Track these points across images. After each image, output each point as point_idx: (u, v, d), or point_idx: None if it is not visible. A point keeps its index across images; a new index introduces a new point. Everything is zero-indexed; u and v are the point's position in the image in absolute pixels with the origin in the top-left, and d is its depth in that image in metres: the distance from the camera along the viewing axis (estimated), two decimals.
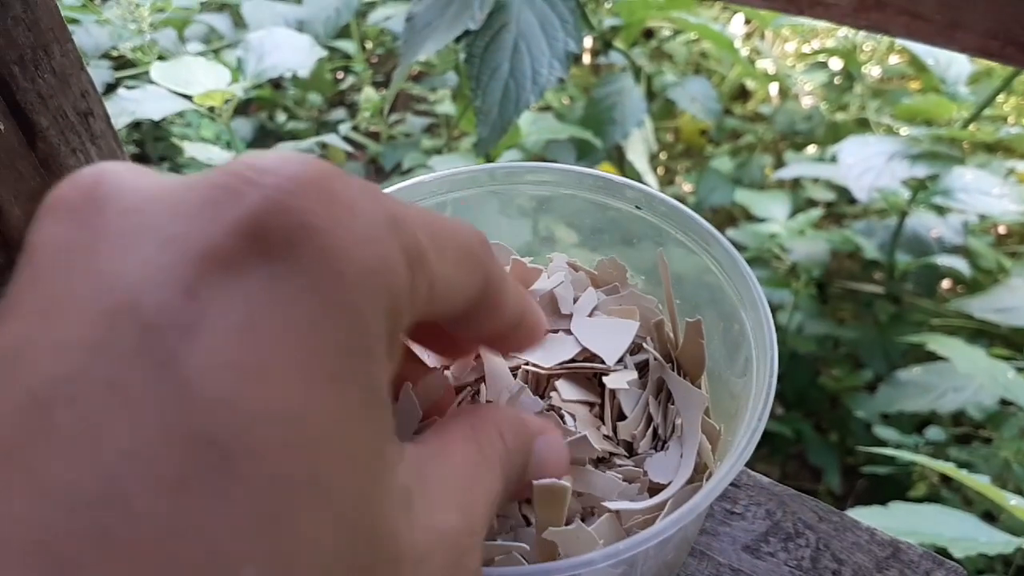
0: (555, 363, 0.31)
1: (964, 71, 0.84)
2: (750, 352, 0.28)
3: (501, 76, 0.64)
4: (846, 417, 0.90)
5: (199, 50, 0.88)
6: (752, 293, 0.28)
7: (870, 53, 1.06)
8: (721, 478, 0.23)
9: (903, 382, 0.80)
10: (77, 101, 0.38)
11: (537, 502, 0.28)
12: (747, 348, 0.28)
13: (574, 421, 0.30)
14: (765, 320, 0.27)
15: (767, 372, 0.26)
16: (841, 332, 0.93)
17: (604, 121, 0.90)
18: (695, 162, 1.11)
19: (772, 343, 0.26)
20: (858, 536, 0.34)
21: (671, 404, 0.31)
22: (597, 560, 0.22)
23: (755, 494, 0.35)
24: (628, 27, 0.97)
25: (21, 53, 0.35)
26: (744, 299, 0.29)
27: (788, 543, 0.33)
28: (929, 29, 0.45)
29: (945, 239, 0.90)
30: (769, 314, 0.27)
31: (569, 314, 0.33)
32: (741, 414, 0.28)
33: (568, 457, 0.23)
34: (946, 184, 0.85)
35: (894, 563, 0.33)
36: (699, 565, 0.32)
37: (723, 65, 1.12)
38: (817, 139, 1.05)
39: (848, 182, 0.80)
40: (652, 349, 0.31)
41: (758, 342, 0.27)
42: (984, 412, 0.78)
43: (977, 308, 0.82)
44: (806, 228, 0.94)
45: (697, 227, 0.31)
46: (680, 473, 0.28)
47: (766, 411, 0.25)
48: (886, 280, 0.96)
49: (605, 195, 0.34)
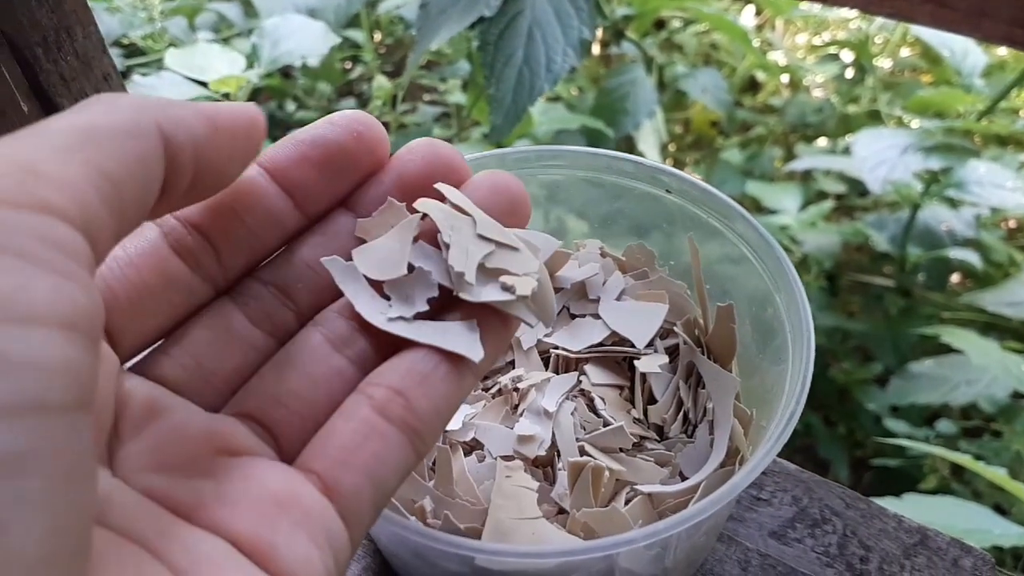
0: (584, 347, 0.31)
1: (979, 63, 0.83)
2: (784, 336, 0.28)
3: (515, 63, 0.64)
4: (855, 410, 0.90)
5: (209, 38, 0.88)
6: (786, 275, 0.28)
7: (882, 45, 1.06)
8: (760, 459, 0.23)
9: (916, 374, 0.79)
10: (99, 84, 0.38)
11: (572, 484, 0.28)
12: (781, 332, 0.28)
13: (604, 404, 0.30)
14: (801, 302, 0.27)
15: (803, 355, 0.26)
16: (851, 325, 0.93)
17: (615, 111, 0.89)
18: (705, 153, 1.11)
19: (808, 325, 0.26)
20: (885, 523, 0.33)
21: (701, 388, 0.30)
22: (638, 539, 0.22)
23: (781, 480, 0.35)
24: (640, 17, 0.97)
25: (44, 35, 0.35)
26: (778, 283, 0.29)
27: (815, 529, 0.33)
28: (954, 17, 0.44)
29: (957, 232, 0.90)
30: (805, 298, 0.27)
31: (597, 298, 0.33)
32: (774, 399, 0.27)
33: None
34: (959, 177, 0.84)
35: (922, 550, 0.32)
36: (727, 550, 0.32)
37: (734, 56, 1.12)
38: (828, 131, 1.05)
39: (862, 174, 0.80)
40: (682, 333, 0.31)
41: (794, 325, 0.27)
42: (996, 405, 0.78)
43: (989, 302, 0.81)
44: (817, 220, 0.93)
45: (728, 210, 0.31)
46: (713, 457, 0.28)
47: (803, 394, 0.25)
48: (897, 273, 0.96)
49: (624, 178, 0.34)
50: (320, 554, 0.15)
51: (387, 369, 0.17)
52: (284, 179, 0.18)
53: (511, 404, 0.31)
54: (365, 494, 0.16)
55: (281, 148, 0.18)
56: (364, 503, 0.16)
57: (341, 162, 0.18)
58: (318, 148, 0.18)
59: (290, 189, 0.18)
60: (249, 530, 0.15)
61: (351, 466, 0.16)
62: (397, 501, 0.28)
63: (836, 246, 0.93)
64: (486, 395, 0.31)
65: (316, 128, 0.18)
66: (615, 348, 0.31)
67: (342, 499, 0.16)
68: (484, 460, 0.29)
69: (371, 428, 0.16)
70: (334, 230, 0.19)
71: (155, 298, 0.17)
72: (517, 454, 0.29)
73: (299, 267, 0.18)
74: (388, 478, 0.16)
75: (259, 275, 0.18)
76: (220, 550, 0.14)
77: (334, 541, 0.16)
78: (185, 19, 0.90)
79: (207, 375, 0.17)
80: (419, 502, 0.28)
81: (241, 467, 0.16)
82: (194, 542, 0.14)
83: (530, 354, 0.32)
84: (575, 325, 0.32)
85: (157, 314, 0.17)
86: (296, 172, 0.18)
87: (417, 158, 0.19)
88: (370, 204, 0.19)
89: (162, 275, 0.17)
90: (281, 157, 0.18)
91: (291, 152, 0.18)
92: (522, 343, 0.32)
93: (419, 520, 0.28)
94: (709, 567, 0.31)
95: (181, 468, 0.15)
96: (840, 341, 0.97)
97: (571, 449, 0.29)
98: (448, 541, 0.23)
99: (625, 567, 0.26)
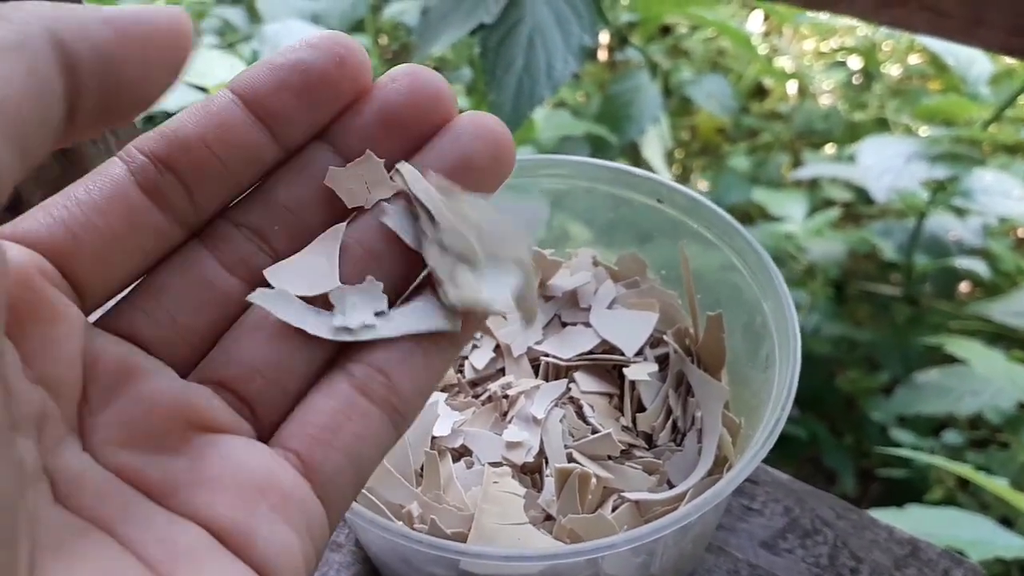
0: (574, 354, 0.31)
1: (985, 71, 0.83)
2: (772, 345, 0.28)
3: (515, 70, 0.64)
4: (862, 420, 0.89)
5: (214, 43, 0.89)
6: (775, 285, 0.28)
7: (890, 52, 1.06)
8: (744, 465, 0.23)
9: (920, 384, 0.79)
10: None
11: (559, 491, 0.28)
12: (769, 340, 0.28)
13: (593, 412, 0.30)
14: (788, 311, 0.27)
15: (790, 363, 0.26)
16: (858, 334, 0.93)
17: (620, 118, 0.89)
18: (711, 160, 1.10)
19: (795, 334, 0.26)
20: (876, 534, 0.33)
21: (691, 397, 0.30)
22: (619, 543, 0.22)
23: (773, 490, 0.35)
24: (645, 23, 0.97)
25: None
26: (767, 292, 0.29)
27: (806, 540, 0.33)
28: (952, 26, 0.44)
29: (964, 241, 0.89)
30: (792, 305, 0.27)
31: (588, 307, 0.33)
32: (762, 408, 0.27)
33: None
34: (966, 186, 0.84)
35: (912, 561, 0.32)
36: (717, 561, 0.32)
37: (741, 63, 1.12)
38: (835, 138, 1.05)
39: (867, 182, 0.79)
40: (672, 342, 0.31)
41: (780, 333, 0.27)
42: (1002, 416, 0.77)
43: (997, 311, 0.81)
44: (823, 228, 0.93)
45: (719, 220, 0.31)
46: (700, 465, 0.28)
47: (789, 401, 0.25)
48: (904, 282, 0.95)
49: (624, 188, 0.34)
50: (299, 540, 0.15)
51: (368, 344, 0.16)
52: (260, 108, 0.16)
53: (500, 411, 0.31)
54: (345, 475, 0.15)
55: (256, 73, 0.16)
56: (344, 485, 0.15)
57: (322, 90, 0.16)
58: (297, 74, 0.16)
59: (267, 119, 0.16)
60: (226, 516, 0.14)
61: (332, 447, 0.15)
62: (384, 506, 0.28)
63: (842, 254, 0.92)
64: (475, 402, 0.32)
65: (295, 52, 0.16)
66: (605, 356, 0.31)
67: (322, 481, 0.15)
68: (472, 466, 0.30)
69: (352, 407, 0.16)
70: (311, 167, 0.17)
71: (123, 244, 0.15)
72: (505, 460, 0.29)
73: (275, 208, 0.17)
74: (368, 458, 0.16)
75: (231, 216, 0.17)
76: (196, 539, 0.14)
77: (313, 526, 0.15)
78: None
79: (181, 330, 0.16)
80: (407, 507, 0.28)
81: (217, 445, 0.15)
82: (168, 530, 0.14)
83: (520, 361, 0.32)
84: (566, 333, 0.32)
85: (126, 261, 0.16)
86: (274, 100, 0.16)
87: (401, 87, 0.17)
88: (350, 136, 0.17)
89: (130, 218, 0.15)
90: (257, 84, 0.16)
91: (268, 78, 0.16)
92: (512, 350, 0.32)
93: (406, 525, 0.28)
94: None
95: (154, 444, 0.15)
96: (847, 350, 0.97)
97: (559, 456, 0.29)
98: (432, 544, 0.23)
99: (611, 574, 0.26)
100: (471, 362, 0.33)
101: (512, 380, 0.31)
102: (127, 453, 0.14)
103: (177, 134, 0.16)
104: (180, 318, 0.16)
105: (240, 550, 0.14)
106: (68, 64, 0.12)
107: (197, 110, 0.16)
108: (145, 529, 0.13)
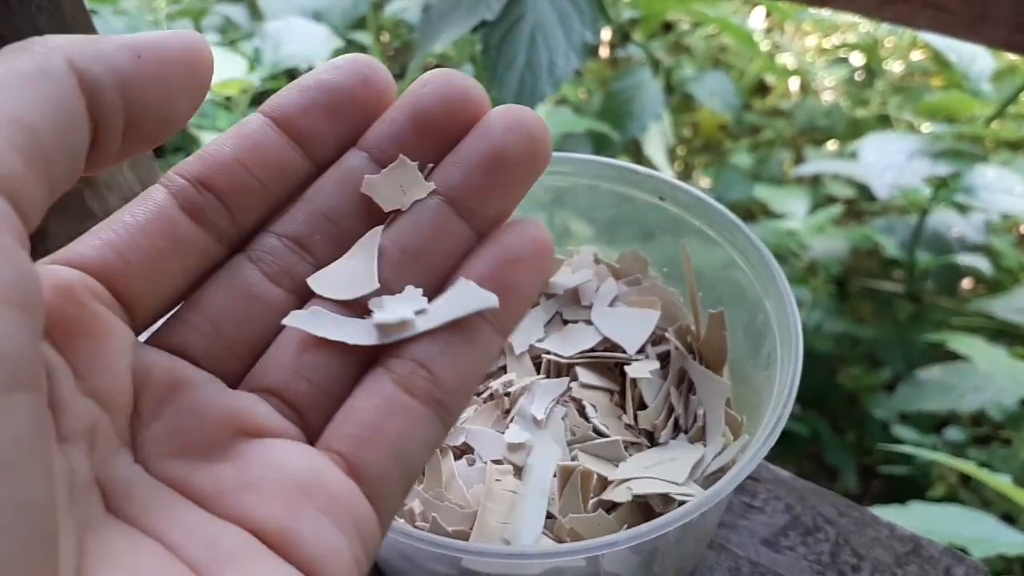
0: (575, 352, 0.31)
1: (987, 67, 0.83)
2: (774, 342, 0.28)
3: (517, 67, 0.64)
4: (864, 417, 0.89)
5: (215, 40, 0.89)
6: (776, 283, 0.28)
7: (892, 48, 1.05)
8: (745, 463, 0.23)
9: (922, 381, 0.79)
10: None
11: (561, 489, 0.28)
12: (771, 338, 0.28)
13: (595, 410, 0.30)
14: (790, 308, 0.27)
15: (792, 360, 0.26)
16: (860, 330, 0.93)
17: (622, 115, 0.89)
18: (713, 157, 1.10)
19: (797, 332, 0.26)
20: (878, 531, 0.33)
21: (692, 395, 0.30)
22: (620, 541, 0.22)
23: (774, 488, 0.35)
24: (647, 20, 0.97)
25: None
26: (768, 289, 0.29)
27: (807, 537, 0.33)
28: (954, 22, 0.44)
29: (966, 238, 0.89)
30: (794, 302, 0.27)
31: (589, 304, 0.33)
32: (763, 405, 0.27)
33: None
34: (968, 182, 0.84)
35: (914, 559, 0.32)
36: (718, 558, 0.32)
37: (743, 59, 1.12)
38: (837, 135, 1.04)
39: (869, 179, 0.79)
40: (674, 339, 0.31)
41: (782, 331, 0.27)
42: (1004, 412, 0.77)
43: (999, 308, 0.81)
44: (825, 225, 0.93)
45: (721, 217, 0.31)
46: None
47: (791, 399, 0.25)
48: (906, 278, 0.95)
49: (626, 186, 0.34)
50: (348, 541, 0.15)
51: (408, 339, 0.16)
52: (291, 128, 0.17)
53: (502, 409, 0.31)
54: (392, 474, 0.15)
55: (287, 96, 0.17)
56: (392, 484, 0.15)
57: (349, 108, 0.17)
58: (325, 94, 0.17)
59: (298, 137, 0.17)
60: (272, 518, 0.14)
61: (376, 446, 0.15)
62: None
63: (845, 251, 0.92)
64: (477, 400, 0.32)
65: (321, 73, 0.17)
66: (606, 354, 0.31)
67: (369, 481, 0.15)
68: (474, 464, 0.30)
69: (395, 404, 0.15)
70: (348, 176, 0.17)
71: (169, 263, 0.16)
72: (507, 460, 0.29)
73: (315, 217, 0.17)
74: (415, 456, 0.16)
75: (273, 229, 0.17)
76: (241, 541, 0.14)
77: (362, 527, 0.15)
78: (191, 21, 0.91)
79: (228, 343, 0.16)
80: (408, 504, 0.28)
81: (263, 449, 0.15)
82: (214, 535, 0.14)
83: (522, 359, 0.32)
84: (567, 331, 0.32)
85: (172, 279, 0.16)
86: (304, 120, 0.17)
87: (433, 91, 0.17)
88: (383, 142, 0.17)
89: (174, 238, 0.16)
90: (287, 105, 0.17)
91: (297, 99, 0.17)
92: (514, 348, 0.32)
93: (408, 522, 0.28)
94: (699, 574, 0.31)
95: (201, 452, 0.15)
96: (849, 347, 0.97)
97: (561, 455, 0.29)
98: (433, 542, 0.23)
99: (611, 572, 0.26)
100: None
101: (514, 378, 0.31)
102: (177, 462, 0.15)
103: (215, 157, 0.16)
104: (227, 331, 0.16)
105: (286, 551, 0.14)
106: (90, 91, 0.13)
107: (232, 133, 0.17)
108: (191, 534, 0.14)
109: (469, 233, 0.17)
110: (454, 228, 0.17)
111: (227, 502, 0.14)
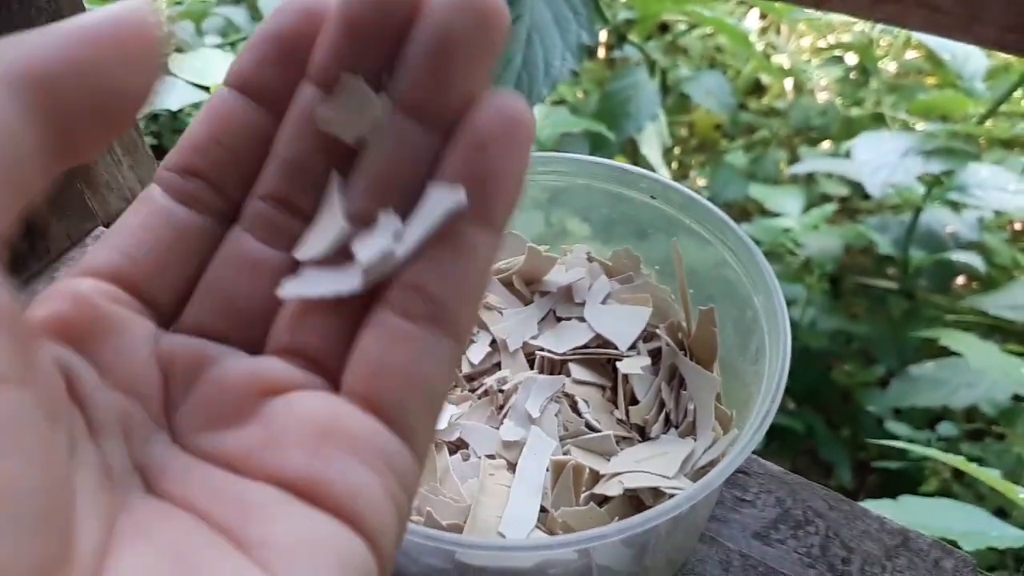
0: (568, 348, 0.32)
1: (981, 66, 0.83)
2: (763, 338, 0.28)
3: (514, 68, 0.64)
4: (857, 412, 0.90)
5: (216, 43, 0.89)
6: (765, 279, 0.28)
7: (886, 48, 1.06)
8: (735, 457, 0.24)
9: (915, 377, 0.79)
10: None
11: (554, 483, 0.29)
12: (759, 333, 0.28)
13: (588, 406, 0.31)
14: (778, 305, 0.27)
15: (780, 355, 0.26)
16: (854, 327, 0.93)
17: (618, 115, 0.90)
18: (709, 156, 1.11)
19: (785, 327, 0.27)
20: (868, 525, 0.34)
21: (683, 390, 0.31)
22: (611, 533, 0.22)
23: (765, 482, 0.35)
24: (643, 20, 0.97)
25: None
26: (757, 286, 0.29)
27: (797, 531, 0.33)
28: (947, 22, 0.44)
29: (960, 235, 0.90)
30: (782, 299, 0.28)
31: (582, 302, 0.34)
32: (752, 400, 0.28)
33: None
34: (961, 180, 0.84)
35: (903, 552, 0.33)
36: (709, 551, 0.33)
37: (738, 59, 1.12)
38: (832, 134, 1.05)
39: (862, 178, 0.80)
40: (665, 336, 0.32)
41: (771, 327, 0.28)
42: (997, 408, 0.78)
43: (992, 305, 0.81)
44: (820, 223, 0.93)
45: (711, 216, 0.31)
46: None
47: (779, 392, 0.25)
48: (900, 276, 0.96)
49: (619, 185, 0.35)
50: (379, 478, 0.14)
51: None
52: (251, 89, 0.17)
53: (496, 405, 0.31)
54: (412, 402, 0.15)
55: (240, 59, 0.17)
56: (415, 412, 0.15)
57: (296, 52, 0.16)
58: (271, 43, 0.16)
59: (258, 97, 0.17)
60: (297, 468, 0.14)
61: (388, 377, 0.15)
62: None
63: (839, 249, 0.93)
64: (472, 396, 0.32)
65: (263, 25, 0.17)
66: (599, 350, 0.32)
67: (389, 414, 0.15)
68: (469, 459, 0.30)
69: (397, 333, 0.15)
70: (301, 112, 0.17)
71: (174, 252, 0.16)
72: (501, 455, 0.30)
73: (284, 167, 0.17)
74: (433, 379, 0.15)
75: (255, 192, 0.17)
76: (267, 495, 0.14)
77: (393, 460, 0.15)
78: (192, 23, 0.91)
79: (241, 313, 0.16)
80: None
81: (286, 404, 0.15)
82: (242, 494, 0.14)
83: (516, 356, 0.33)
84: (560, 328, 0.33)
85: (182, 267, 0.17)
86: (259, 78, 0.17)
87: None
88: (325, 65, 0.16)
89: (173, 228, 0.16)
90: (243, 68, 0.17)
91: (248, 59, 0.17)
92: (508, 345, 0.33)
93: None
94: (690, 567, 0.32)
95: (230, 419, 0.15)
96: (843, 344, 0.97)
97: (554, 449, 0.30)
98: (428, 535, 0.24)
99: (603, 564, 0.27)
100: (467, 357, 0.33)
101: (508, 375, 0.32)
102: (208, 435, 0.15)
103: (191, 141, 0.17)
104: (237, 302, 0.17)
105: (315, 497, 0.14)
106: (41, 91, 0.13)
107: (202, 113, 0.17)
108: (221, 499, 0.14)
109: (433, 135, 0.16)
110: (418, 137, 0.16)
111: (255, 461, 0.15)
